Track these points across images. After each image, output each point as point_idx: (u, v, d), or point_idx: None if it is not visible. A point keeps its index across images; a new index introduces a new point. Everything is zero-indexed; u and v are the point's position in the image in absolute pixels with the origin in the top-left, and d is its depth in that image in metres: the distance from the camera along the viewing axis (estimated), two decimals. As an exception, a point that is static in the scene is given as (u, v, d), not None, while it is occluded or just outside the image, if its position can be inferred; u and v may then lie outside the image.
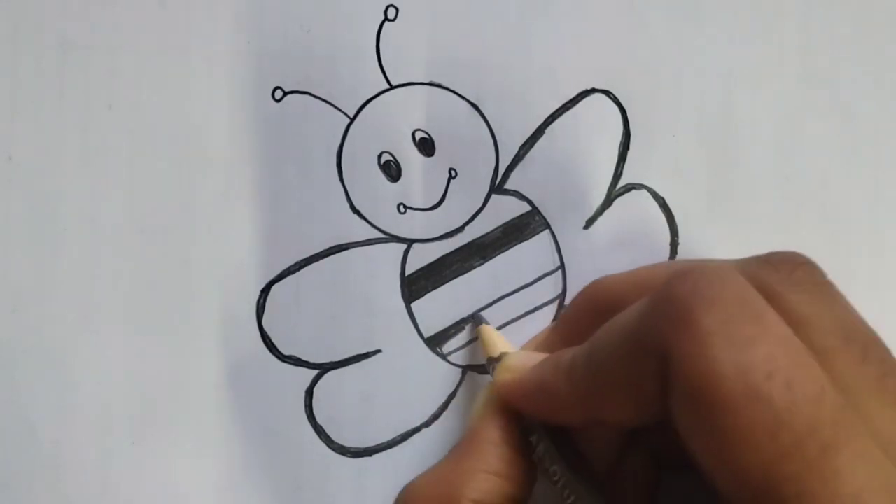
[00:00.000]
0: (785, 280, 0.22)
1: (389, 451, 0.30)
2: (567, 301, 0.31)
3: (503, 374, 0.26)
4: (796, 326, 0.20)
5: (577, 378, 0.23)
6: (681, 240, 0.31)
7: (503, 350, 0.28)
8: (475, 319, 0.30)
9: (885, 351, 0.21)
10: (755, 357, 0.19)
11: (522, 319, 0.31)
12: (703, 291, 0.20)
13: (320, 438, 0.30)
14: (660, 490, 0.26)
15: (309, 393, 0.30)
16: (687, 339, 0.19)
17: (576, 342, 0.24)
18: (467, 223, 0.31)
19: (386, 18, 0.31)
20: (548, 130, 0.31)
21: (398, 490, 0.26)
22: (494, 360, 0.28)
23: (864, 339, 0.21)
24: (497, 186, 0.31)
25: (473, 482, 0.24)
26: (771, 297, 0.21)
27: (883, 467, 0.18)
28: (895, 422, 0.20)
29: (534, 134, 0.31)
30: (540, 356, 0.25)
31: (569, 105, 0.31)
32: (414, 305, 0.31)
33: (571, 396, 0.23)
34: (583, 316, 0.27)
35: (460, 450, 0.26)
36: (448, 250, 0.31)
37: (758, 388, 0.18)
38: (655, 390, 0.20)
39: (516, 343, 0.30)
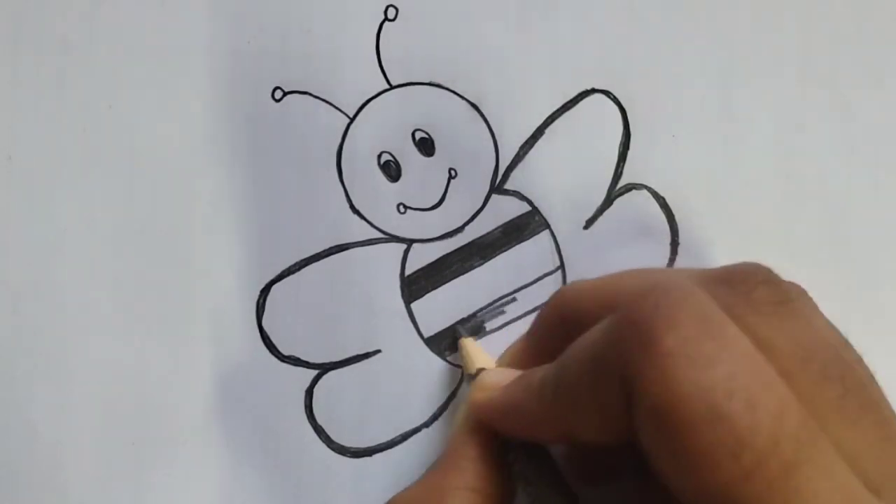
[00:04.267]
0: (742, 302, 0.21)
1: (389, 451, 0.30)
2: (567, 301, 0.31)
3: (477, 394, 0.26)
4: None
5: (546, 399, 0.23)
6: (681, 240, 0.31)
7: (480, 365, 0.28)
8: (455, 332, 0.30)
9: (845, 369, 0.21)
10: (716, 376, 0.18)
11: (522, 319, 0.31)
12: (664, 311, 0.19)
13: (320, 438, 0.30)
14: None
15: (309, 393, 0.30)
16: (648, 360, 0.19)
17: (547, 354, 0.24)
18: (467, 223, 0.31)
19: (386, 18, 0.31)
20: (548, 130, 0.31)
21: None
22: (472, 377, 0.28)
23: (822, 358, 0.21)
24: (497, 186, 0.31)
25: (453, 499, 0.24)
26: None
27: (847, 483, 0.18)
28: (856, 441, 0.20)
29: (534, 134, 0.31)
30: (513, 374, 0.26)
31: (569, 105, 0.31)
32: (414, 305, 0.31)
33: (542, 417, 0.23)
34: (552, 327, 0.27)
35: (440, 466, 0.26)
36: (448, 250, 0.31)
37: (719, 407, 0.18)
38: (621, 411, 0.20)
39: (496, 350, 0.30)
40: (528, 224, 0.31)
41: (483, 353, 0.29)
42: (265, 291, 0.30)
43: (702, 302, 0.20)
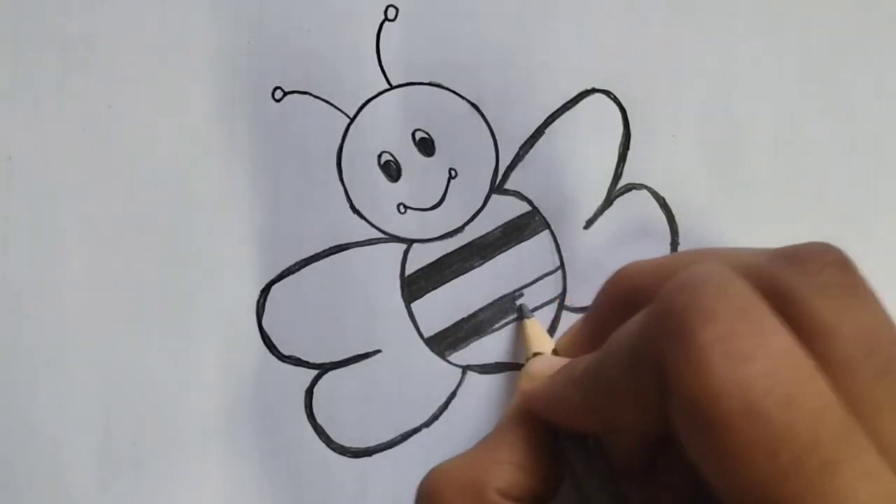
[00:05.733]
0: (810, 283, 0.20)
1: (389, 451, 0.30)
2: (567, 301, 0.31)
3: (525, 383, 0.26)
4: (817, 335, 0.20)
5: (587, 390, 0.22)
6: (681, 240, 0.31)
7: (537, 349, 0.28)
8: (521, 311, 0.30)
9: None
10: (754, 373, 0.18)
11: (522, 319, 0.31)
12: (701, 304, 0.19)
13: (320, 438, 0.30)
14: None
15: (309, 393, 0.30)
16: (684, 354, 0.19)
17: (606, 336, 0.23)
18: (467, 223, 0.31)
19: (386, 18, 0.31)
20: (548, 130, 0.31)
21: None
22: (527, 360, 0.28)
23: (889, 350, 0.20)
24: (497, 186, 0.31)
25: (500, 472, 0.24)
26: (792, 301, 0.20)
27: (887, 484, 0.18)
28: None
29: (534, 134, 0.31)
30: (561, 362, 0.25)
31: (569, 105, 0.31)
32: (414, 305, 0.31)
33: (583, 408, 0.23)
34: (610, 309, 0.26)
35: (491, 440, 0.26)
36: (448, 250, 0.31)
37: (757, 405, 0.18)
38: (659, 406, 0.20)
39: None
40: (528, 224, 0.31)
41: (544, 335, 0.29)
42: (265, 291, 0.30)
43: (741, 294, 0.19)
